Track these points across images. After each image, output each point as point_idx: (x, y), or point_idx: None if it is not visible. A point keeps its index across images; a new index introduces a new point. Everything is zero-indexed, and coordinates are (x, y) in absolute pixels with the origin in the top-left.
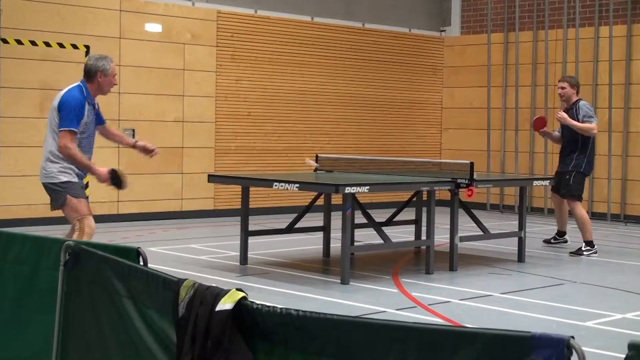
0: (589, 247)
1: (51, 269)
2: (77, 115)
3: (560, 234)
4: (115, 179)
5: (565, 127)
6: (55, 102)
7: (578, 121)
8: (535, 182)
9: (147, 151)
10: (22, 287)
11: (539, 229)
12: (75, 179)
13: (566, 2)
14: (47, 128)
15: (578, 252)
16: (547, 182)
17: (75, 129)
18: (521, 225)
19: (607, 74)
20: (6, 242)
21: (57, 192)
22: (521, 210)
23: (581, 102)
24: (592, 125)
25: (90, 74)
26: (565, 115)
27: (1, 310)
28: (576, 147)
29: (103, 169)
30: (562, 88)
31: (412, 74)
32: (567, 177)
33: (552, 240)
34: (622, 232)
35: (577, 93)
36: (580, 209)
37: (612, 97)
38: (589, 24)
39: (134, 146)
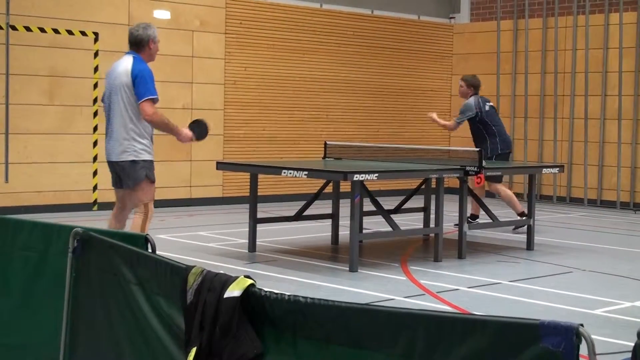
0: (525, 217)
1: (60, 256)
2: (153, 83)
3: (522, 214)
4: (199, 134)
5: (468, 121)
6: (126, 78)
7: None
8: (544, 169)
9: None
10: (30, 274)
11: (548, 217)
12: (152, 160)
13: None
14: (112, 109)
15: (520, 226)
16: (556, 170)
17: (156, 96)
18: (530, 213)
19: (617, 61)
20: (15, 228)
21: (136, 170)
22: (530, 198)
23: (466, 101)
24: (448, 123)
25: (142, 43)
26: (433, 116)
27: (10, 296)
28: (482, 135)
29: (186, 130)
30: (460, 86)
31: (421, 61)
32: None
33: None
34: (631, 220)
35: (476, 92)
36: (505, 189)
37: (622, 84)
38: (599, 11)
39: None
